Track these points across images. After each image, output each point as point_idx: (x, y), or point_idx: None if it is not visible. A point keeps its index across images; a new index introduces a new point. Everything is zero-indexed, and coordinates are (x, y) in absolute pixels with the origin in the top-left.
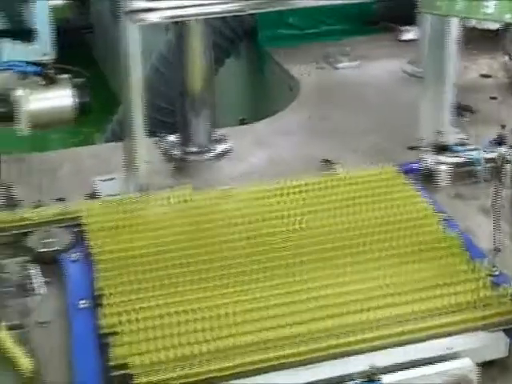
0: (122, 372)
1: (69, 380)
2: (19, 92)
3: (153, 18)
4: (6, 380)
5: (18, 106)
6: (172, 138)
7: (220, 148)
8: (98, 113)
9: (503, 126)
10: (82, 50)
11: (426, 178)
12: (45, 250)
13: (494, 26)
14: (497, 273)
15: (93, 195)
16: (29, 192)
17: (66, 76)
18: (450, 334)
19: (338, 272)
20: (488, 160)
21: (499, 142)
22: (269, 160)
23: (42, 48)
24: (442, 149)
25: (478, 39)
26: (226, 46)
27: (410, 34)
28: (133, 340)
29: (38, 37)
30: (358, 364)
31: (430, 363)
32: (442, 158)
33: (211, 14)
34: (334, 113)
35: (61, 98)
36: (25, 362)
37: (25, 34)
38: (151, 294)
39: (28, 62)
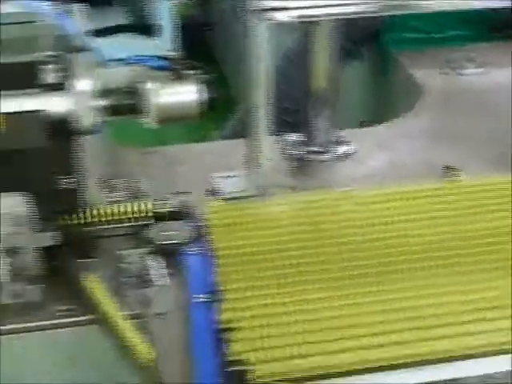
0: (239, 368)
1: (185, 371)
2: (148, 85)
3: (282, 17)
4: (125, 369)
5: (147, 98)
6: (294, 137)
7: (341, 149)
8: (217, 110)
9: None
10: (203, 48)
11: None
12: (165, 242)
13: None
14: None
15: (213, 191)
16: (151, 185)
17: (192, 72)
18: None
19: (453, 280)
20: None
21: None
22: (389, 163)
23: (166, 44)
24: None
25: None
26: (350, 47)
27: None
28: (250, 336)
29: (161, 32)
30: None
31: None
32: None
33: (345, 14)
34: (458, 119)
35: (188, 93)
36: (144, 352)
37: (148, 29)
38: (269, 292)
39: (157, 57)
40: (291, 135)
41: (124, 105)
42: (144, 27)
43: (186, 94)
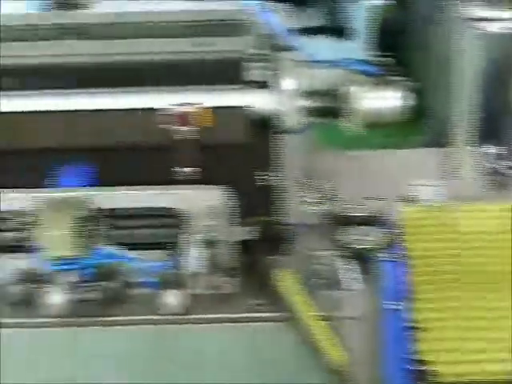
0: (423, 367)
1: (374, 375)
2: (352, 89)
3: (493, 27)
4: (314, 370)
5: (351, 103)
6: (493, 150)
7: None
8: (415, 118)
9: None
10: (396, 53)
11: None
12: (358, 246)
13: None
14: None
15: (409, 198)
16: (345, 188)
17: (396, 78)
18: None
19: None
20: None
21: None
22: None
23: (363, 47)
24: None
25: None
26: None
27: None
28: (436, 337)
29: (357, 36)
30: None
31: None
32: None
33: None
34: None
35: (392, 99)
36: (336, 355)
37: (343, 31)
38: (456, 295)
39: (362, 61)
40: (491, 148)
41: (327, 107)
42: (339, 29)
43: (389, 99)
